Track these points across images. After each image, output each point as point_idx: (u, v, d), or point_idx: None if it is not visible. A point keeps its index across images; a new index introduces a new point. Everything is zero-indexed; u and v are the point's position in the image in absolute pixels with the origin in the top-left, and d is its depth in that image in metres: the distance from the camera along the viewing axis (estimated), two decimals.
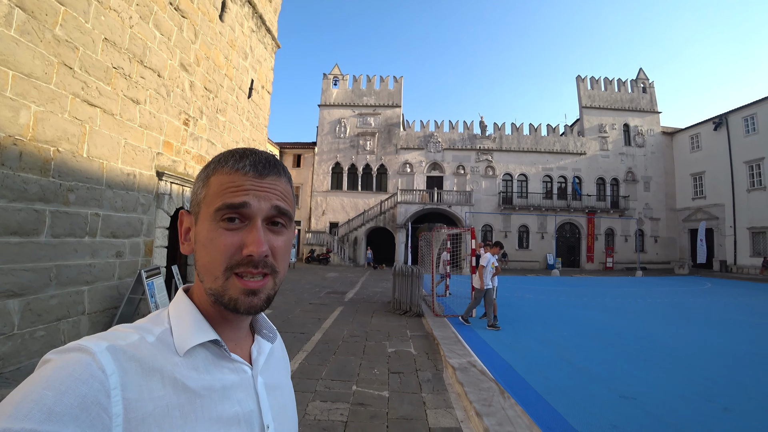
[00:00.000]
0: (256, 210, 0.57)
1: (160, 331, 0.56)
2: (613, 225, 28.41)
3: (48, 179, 4.70)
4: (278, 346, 0.75)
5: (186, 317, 0.58)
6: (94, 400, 0.43)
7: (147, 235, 6.70)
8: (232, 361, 0.59)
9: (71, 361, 0.45)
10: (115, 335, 0.52)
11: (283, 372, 0.73)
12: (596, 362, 5.51)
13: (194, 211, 0.61)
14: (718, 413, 3.88)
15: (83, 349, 0.46)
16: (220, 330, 0.59)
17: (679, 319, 9.29)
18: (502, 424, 3.34)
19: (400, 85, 29.37)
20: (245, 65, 10.43)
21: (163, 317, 0.59)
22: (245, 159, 0.59)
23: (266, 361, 0.65)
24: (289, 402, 0.70)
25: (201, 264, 0.58)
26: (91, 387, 0.43)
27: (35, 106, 4.46)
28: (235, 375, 0.59)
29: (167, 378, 0.51)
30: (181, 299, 0.61)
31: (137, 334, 0.53)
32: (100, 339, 0.49)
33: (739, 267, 23.51)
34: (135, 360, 0.49)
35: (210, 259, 0.56)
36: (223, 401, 0.55)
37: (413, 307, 8.86)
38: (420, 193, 26.16)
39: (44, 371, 0.44)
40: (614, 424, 3.59)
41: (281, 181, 0.61)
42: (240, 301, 0.55)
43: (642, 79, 30.29)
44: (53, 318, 4.86)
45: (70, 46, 4.87)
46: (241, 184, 0.57)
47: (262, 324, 0.69)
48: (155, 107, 6.66)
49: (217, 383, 0.55)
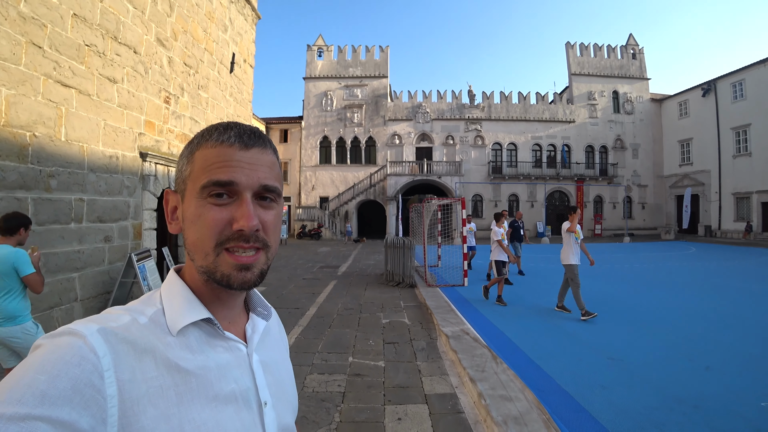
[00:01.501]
0: (244, 186, 0.56)
1: (152, 312, 0.56)
2: (601, 192, 28.69)
3: (27, 166, 4.57)
4: (274, 323, 0.75)
5: (178, 297, 0.58)
6: (87, 382, 0.43)
7: (135, 218, 6.61)
8: (226, 339, 0.59)
9: (62, 344, 0.45)
10: (106, 317, 0.51)
11: (280, 349, 0.74)
12: (584, 327, 5.66)
13: (180, 188, 0.59)
14: (700, 372, 4.04)
15: (74, 332, 0.46)
16: (213, 309, 0.59)
17: (664, 283, 9.54)
18: (495, 388, 3.45)
19: (387, 55, 28.72)
20: (225, 38, 10.08)
21: (155, 298, 0.59)
22: (229, 131, 0.57)
23: (261, 339, 0.65)
24: (287, 378, 0.71)
25: (191, 242, 0.57)
26: (83, 369, 0.43)
27: (6, 89, 4.28)
28: (229, 353, 0.59)
29: (160, 358, 0.51)
30: (172, 280, 0.60)
31: (129, 315, 0.53)
32: (91, 322, 0.49)
33: (723, 232, 24.02)
34: (127, 342, 0.49)
35: (199, 236, 0.55)
36: (219, 380, 0.55)
37: (406, 279, 8.96)
38: (409, 165, 26.03)
39: (35, 356, 0.44)
40: (602, 384, 3.72)
41: (267, 153, 0.59)
42: (233, 276, 0.55)
43: (632, 44, 29.93)
44: (45, 306, 4.83)
45: (37, 23, 4.64)
46: (227, 158, 0.55)
47: (256, 302, 0.69)
48: (133, 86, 6.45)
49: (211, 362, 0.55)
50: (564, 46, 29.73)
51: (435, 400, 3.52)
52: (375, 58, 28.72)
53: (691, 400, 3.39)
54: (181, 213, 0.59)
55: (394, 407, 3.37)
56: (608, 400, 3.41)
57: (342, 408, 3.36)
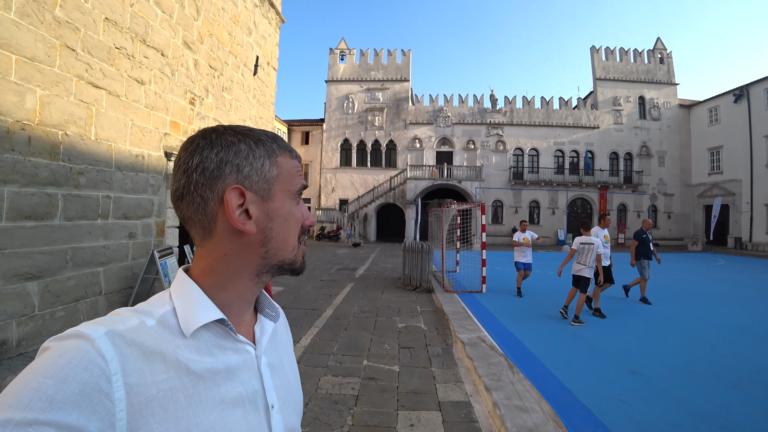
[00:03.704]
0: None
1: (162, 313, 0.55)
2: (625, 200, 27.98)
3: (58, 163, 4.74)
4: (282, 324, 0.74)
5: (190, 298, 0.57)
6: (95, 386, 0.43)
7: (158, 216, 6.77)
8: (236, 341, 0.59)
9: (70, 348, 0.44)
10: (113, 320, 0.51)
11: (287, 351, 0.74)
12: (604, 337, 5.52)
13: (261, 188, 0.59)
14: (726, 389, 3.87)
15: (81, 335, 0.46)
16: (225, 310, 0.59)
17: (690, 295, 9.23)
18: (511, 398, 3.39)
19: (408, 58, 28.76)
20: (249, 41, 10.27)
21: (165, 299, 0.58)
22: (287, 144, 0.66)
23: (270, 341, 0.66)
24: (294, 380, 0.71)
25: (281, 238, 0.61)
26: (91, 373, 0.43)
27: (40, 89, 4.46)
28: (238, 356, 0.58)
29: (170, 361, 0.51)
30: (183, 280, 0.59)
31: (137, 318, 0.52)
32: (98, 324, 0.49)
33: (754, 244, 23.04)
34: (135, 344, 0.49)
35: (291, 232, 0.63)
36: (227, 382, 0.55)
37: (423, 283, 8.92)
38: (430, 169, 25.93)
39: (43, 359, 0.44)
40: (622, 398, 3.61)
41: None
42: (303, 264, 0.66)
43: (659, 49, 29.19)
44: (71, 299, 5.00)
45: (71, 27, 4.82)
46: (299, 168, 0.66)
47: (264, 303, 0.69)
48: (160, 87, 6.63)
49: (220, 365, 0.55)
50: (589, 50, 29.20)
51: (449, 407, 3.47)
52: (397, 61, 28.80)
53: (717, 419, 3.26)
54: (266, 211, 0.59)
55: (407, 413, 3.34)
56: (628, 415, 3.30)
57: (355, 411, 3.36)
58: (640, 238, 8.06)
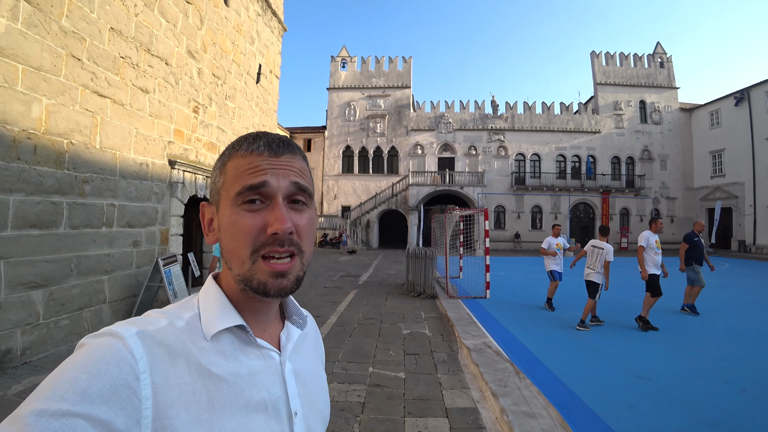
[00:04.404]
0: (276, 188, 0.56)
1: (189, 316, 0.57)
2: (628, 205, 27.92)
3: (63, 171, 4.77)
4: (311, 332, 0.74)
5: (213, 303, 0.58)
6: (124, 383, 0.44)
7: (162, 224, 6.79)
8: (258, 347, 0.59)
9: (103, 345, 0.46)
10: (145, 321, 0.53)
11: (315, 359, 0.73)
12: (610, 342, 5.48)
13: (214, 199, 0.61)
14: (735, 394, 3.84)
15: (114, 333, 0.48)
16: (247, 316, 0.60)
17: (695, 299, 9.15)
18: (518, 403, 3.36)
19: (410, 65, 28.92)
20: (252, 50, 10.35)
21: (193, 303, 0.60)
22: (258, 140, 0.58)
23: (295, 348, 0.65)
24: (319, 389, 0.70)
25: (227, 250, 0.57)
26: (121, 370, 0.45)
27: (46, 99, 4.49)
28: (262, 361, 0.59)
29: (192, 364, 0.52)
30: (210, 286, 0.61)
31: (166, 319, 0.54)
32: (131, 324, 0.51)
33: (758, 247, 22.92)
34: (162, 345, 0.50)
35: (235, 244, 0.56)
36: (250, 387, 0.55)
37: (427, 289, 8.89)
38: (431, 175, 25.94)
39: (78, 355, 0.46)
40: (629, 403, 3.58)
41: (297, 159, 0.60)
42: (269, 284, 0.55)
43: (659, 53, 29.27)
44: (76, 307, 5.00)
45: (77, 37, 4.87)
46: (258, 164, 0.56)
47: (292, 310, 0.69)
48: (164, 96, 6.67)
49: (243, 369, 0.56)
50: (589, 55, 29.31)
51: (456, 414, 3.45)
52: (398, 68, 28.95)
53: (726, 424, 3.22)
54: (217, 223, 0.60)
55: (414, 420, 3.32)
56: (636, 420, 3.27)
57: (361, 418, 3.33)
58: (691, 242, 7.27)
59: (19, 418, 0.40)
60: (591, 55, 29.11)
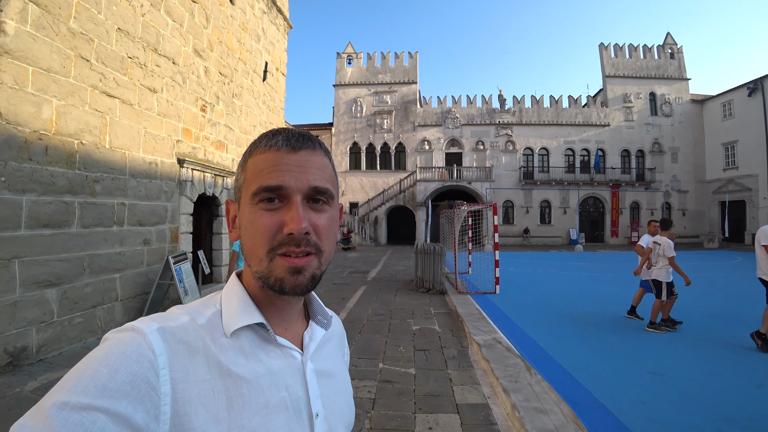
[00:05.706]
0: (293, 189, 0.55)
1: (211, 313, 0.57)
2: (638, 198, 27.60)
3: (74, 172, 4.82)
4: (337, 333, 0.73)
5: (234, 300, 0.58)
6: (143, 378, 0.45)
7: (172, 222, 6.85)
8: (279, 345, 0.59)
9: (124, 340, 0.47)
10: (166, 317, 0.53)
11: (339, 360, 0.72)
12: (622, 338, 5.43)
13: (237, 196, 0.61)
14: (750, 390, 3.78)
15: (136, 329, 0.48)
16: (269, 314, 0.59)
17: (709, 293, 9.05)
18: (529, 399, 3.34)
19: (416, 60, 28.77)
20: (258, 48, 10.36)
21: (216, 300, 0.60)
22: (277, 136, 0.58)
23: (318, 348, 0.64)
24: (343, 390, 0.68)
25: (246, 248, 0.57)
26: (141, 366, 0.45)
27: (56, 100, 4.54)
28: (282, 360, 0.58)
29: (212, 362, 0.51)
30: (232, 283, 0.61)
31: (188, 316, 0.54)
32: (153, 320, 0.51)
33: None
34: (182, 342, 0.50)
35: (253, 242, 0.56)
36: (270, 387, 0.54)
37: (436, 285, 8.88)
38: (439, 171, 25.85)
39: (101, 349, 0.46)
40: (642, 399, 3.54)
41: (317, 154, 0.59)
42: (285, 280, 0.55)
43: (669, 44, 28.79)
44: (89, 305, 5.06)
45: (85, 38, 4.91)
46: (276, 162, 0.56)
47: (316, 310, 0.68)
48: (172, 95, 6.71)
49: (263, 368, 0.55)
50: (597, 47, 28.93)
51: (466, 410, 3.44)
52: (404, 64, 28.83)
53: (741, 420, 3.17)
54: (239, 220, 0.60)
55: (424, 416, 3.32)
56: (649, 416, 3.23)
57: (372, 414, 3.34)
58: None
59: (42, 410, 0.40)
60: (599, 47, 28.72)
